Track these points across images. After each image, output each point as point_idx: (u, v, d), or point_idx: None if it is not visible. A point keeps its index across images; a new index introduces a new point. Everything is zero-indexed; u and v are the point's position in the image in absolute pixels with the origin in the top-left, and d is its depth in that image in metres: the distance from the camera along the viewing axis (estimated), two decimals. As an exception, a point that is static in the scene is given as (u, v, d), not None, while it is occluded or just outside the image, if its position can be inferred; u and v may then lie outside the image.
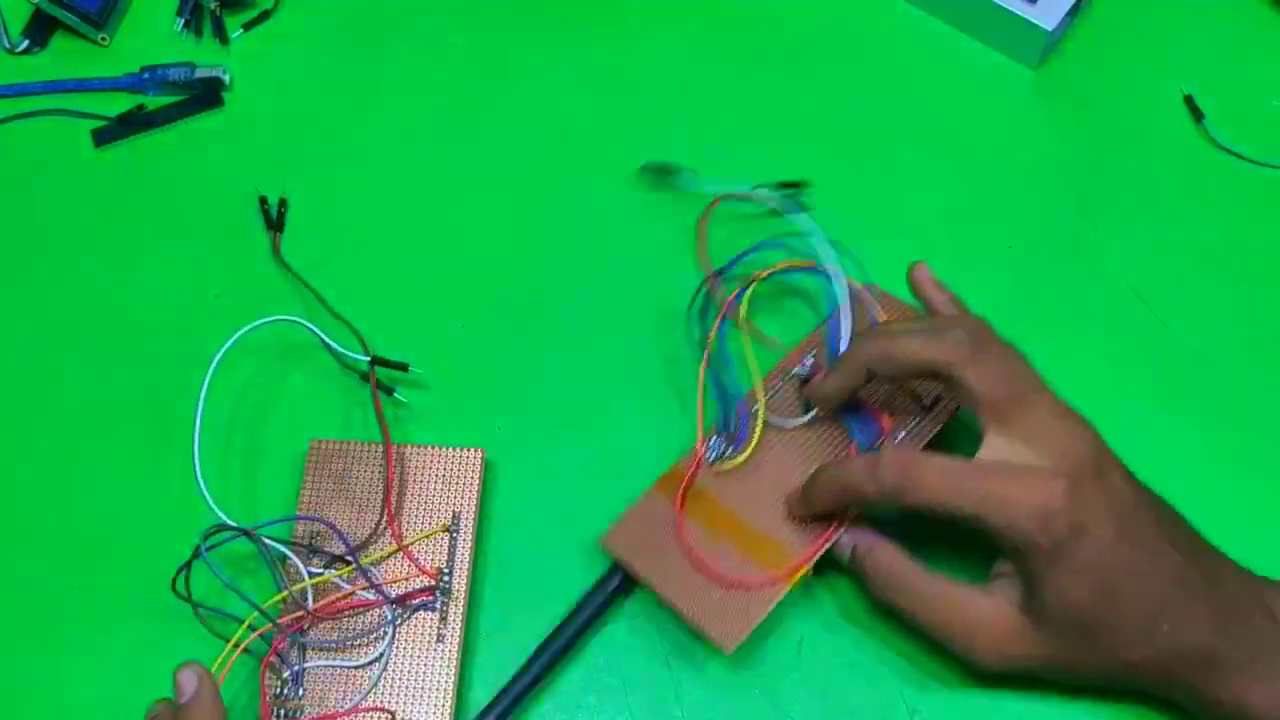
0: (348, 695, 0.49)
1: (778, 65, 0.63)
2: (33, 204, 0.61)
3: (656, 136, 0.61)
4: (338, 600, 0.50)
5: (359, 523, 0.51)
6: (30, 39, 0.64)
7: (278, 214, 0.59)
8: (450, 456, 0.53)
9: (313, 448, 0.53)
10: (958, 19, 0.63)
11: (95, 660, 0.51)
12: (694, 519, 0.51)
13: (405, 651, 0.49)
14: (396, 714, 0.48)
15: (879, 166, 0.61)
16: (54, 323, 0.58)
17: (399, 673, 0.49)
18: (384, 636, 0.49)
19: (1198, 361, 0.56)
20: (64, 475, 0.55)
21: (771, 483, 0.52)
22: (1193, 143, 0.61)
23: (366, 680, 0.49)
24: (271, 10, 0.65)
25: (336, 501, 0.52)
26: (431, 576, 0.50)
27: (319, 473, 0.52)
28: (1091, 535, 0.45)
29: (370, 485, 0.52)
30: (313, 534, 0.51)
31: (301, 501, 0.52)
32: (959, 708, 0.50)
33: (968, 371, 0.46)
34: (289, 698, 0.48)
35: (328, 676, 0.49)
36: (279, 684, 0.49)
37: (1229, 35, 0.63)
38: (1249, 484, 0.54)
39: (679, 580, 0.50)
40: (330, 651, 0.49)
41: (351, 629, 0.50)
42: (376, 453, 0.52)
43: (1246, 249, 0.59)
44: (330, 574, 0.50)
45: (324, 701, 0.49)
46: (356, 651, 0.49)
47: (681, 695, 0.51)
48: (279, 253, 0.58)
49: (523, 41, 0.64)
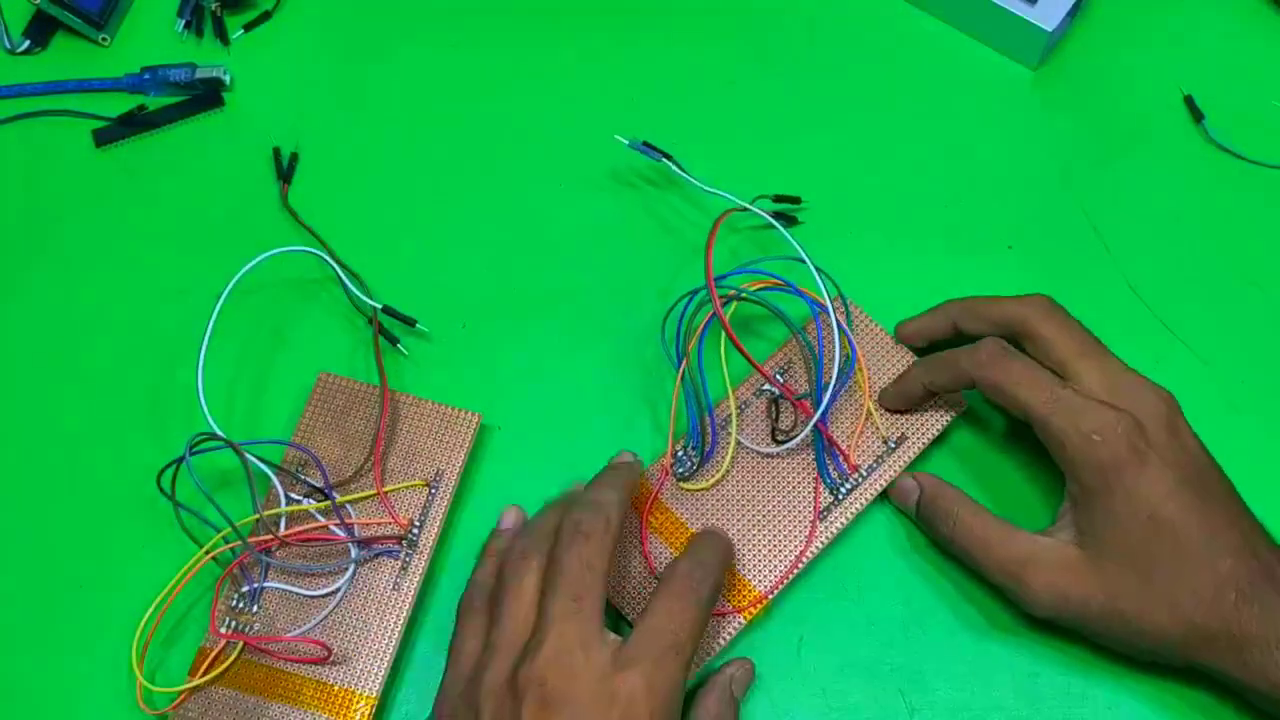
0: (296, 622, 0.50)
1: (777, 65, 0.63)
2: (33, 204, 0.61)
3: (655, 136, 0.61)
4: (308, 531, 0.51)
5: (345, 460, 0.53)
6: (31, 39, 0.64)
7: (289, 165, 0.61)
8: (447, 415, 0.53)
9: (320, 380, 0.54)
10: (958, 19, 0.63)
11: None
12: (658, 535, 0.51)
13: (361, 593, 0.51)
14: (334, 651, 0.49)
15: (879, 166, 0.61)
16: (54, 323, 0.58)
17: (350, 611, 0.50)
18: (344, 573, 0.51)
19: (1198, 362, 0.56)
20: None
21: (737, 510, 0.52)
22: (1193, 143, 0.61)
23: (318, 612, 0.50)
24: (272, 11, 0.65)
25: (330, 436, 0.53)
26: (402, 526, 0.51)
27: (320, 406, 0.54)
28: (1154, 469, 0.47)
29: (364, 427, 0.53)
30: (300, 463, 0.52)
31: (298, 430, 0.53)
32: (959, 707, 0.50)
33: (1045, 326, 0.50)
34: (242, 610, 0.50)
35: (282, 601, 0.50)
36: (236, 596, 0.50)
37: (1229, 35, 0.63)
38: (1249, 483, 0.54)
39: (641, 598, 0.50)
40: (291, 577, 0.51)
41: (315, 560, 0.51)
42: (377, 396, 0.54)
43: (1246, 249, 0.59)
44: (308, 504, 0.51)
45: (273, 623, 0.50)
46: (315, 582, 0.51)
47: (682, 695, 0.51)
48: (286, 201, 0.60)
49: (522, 42, 0.64)
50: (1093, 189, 0.60)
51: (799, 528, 0.51)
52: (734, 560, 0.50)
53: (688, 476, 0.52)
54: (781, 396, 0.53)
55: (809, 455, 0.52)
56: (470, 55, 0.64)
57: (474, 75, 0.63)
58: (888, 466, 0.52)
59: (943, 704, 0.50)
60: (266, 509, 0.51)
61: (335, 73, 0.64)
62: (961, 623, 0.52)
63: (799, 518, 0.52)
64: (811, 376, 0.53)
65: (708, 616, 0.46)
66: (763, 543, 0.51)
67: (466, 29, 0.65)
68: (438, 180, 0.61)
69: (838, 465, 0.52)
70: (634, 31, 0.64)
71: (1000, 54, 0.63)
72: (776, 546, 0.51)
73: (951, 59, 0.63)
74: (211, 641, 0.50)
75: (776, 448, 0.52)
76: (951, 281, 0.58)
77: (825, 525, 0.51)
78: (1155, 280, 0.58)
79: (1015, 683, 0.50)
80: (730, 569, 0.50)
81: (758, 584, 0.51)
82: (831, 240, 0.58)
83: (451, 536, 0.53)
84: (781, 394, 0.53)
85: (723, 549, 0.49)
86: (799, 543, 0.51)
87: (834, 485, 0.52)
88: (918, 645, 0.51)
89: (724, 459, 0.52)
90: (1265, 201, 0.60)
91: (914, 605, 0.52)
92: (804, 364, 0.54)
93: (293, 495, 0.51)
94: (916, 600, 0.52)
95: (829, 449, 0.52)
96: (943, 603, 0.52)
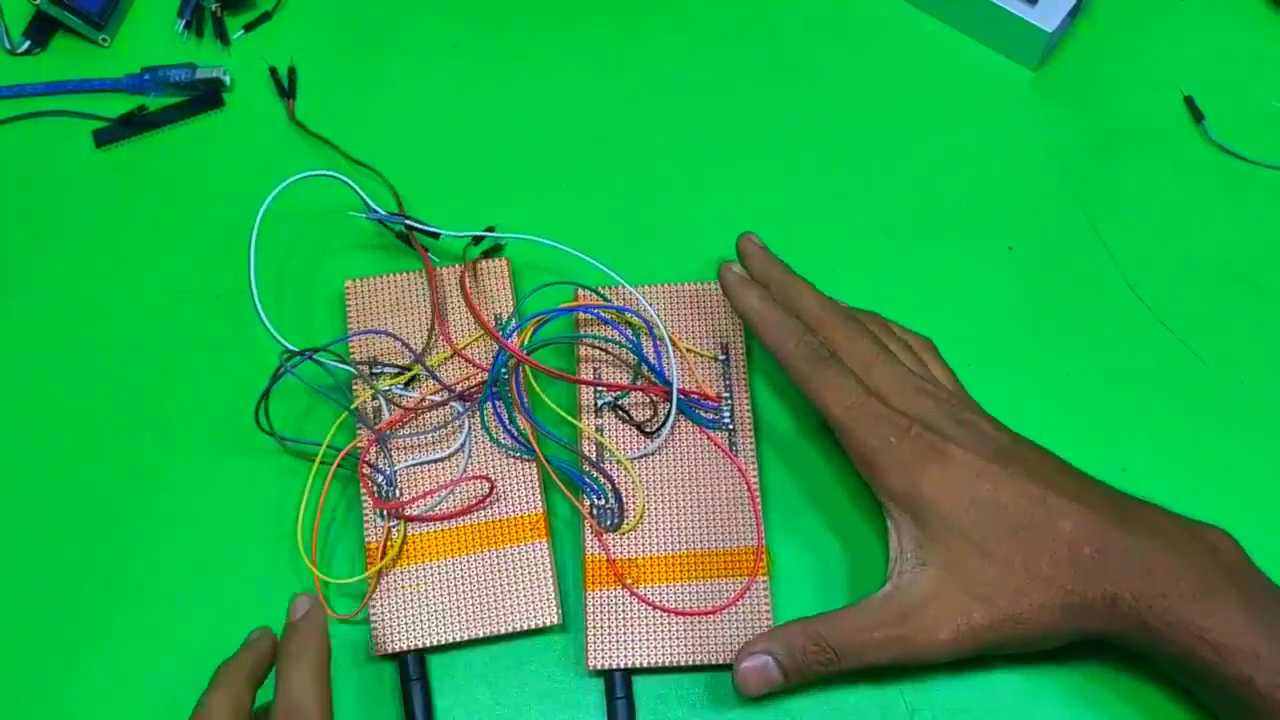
0: (440, 485, 0.53)
1: (777, 66, 0.63)
2: (34, 205, 0.61)
3: (654, 136, 0.61)
4: (411, 405, 0.53)
5: (411, 339, 0.55)
6: (31, 40, 0.64)
7: (289, 81, 0.62)
8: (483, 268, 0.56)
9: (350, 288, 0.56)
10: (957, 20, 0.63)
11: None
12: (643, 585, 0.51)
13: (480, 442, 0.53)
14: (495, 481, 0.52)
15: (879, 167, 0.61)
16: (54, 324, 0.58)
17: (483, 456, 0.53)
18: (460, 427, 0.53)
19: (1197, 362, 0.56)
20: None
21: (677, 507, 0.52)
22: (1193, 143, 0.61)
23: (455, 468, 0.53)
24: (272, 11, 0.65)
25: (385, 326, 0.55)
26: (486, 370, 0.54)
27: (360, 308, 0.56)
28: (956, 457, 0.47)
29: (413, 307, 0.56)
30: (370, 357, 0.55)
31: (350, 333, 0.55)
32: (959, 708, 0.50)
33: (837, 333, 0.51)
34: (388, 498, 0.52)
35: (416, 476, 0.53)
36: (375, 488, 0.53)
37: (1229, 35, 0.63)
38: (1249, 483, 0.54)
39: (676, 642, 0.50)
40: (415, 449, 0.53)
41: (427, 427, 0.54)
42: (413, 281, 0.56)
43: (1246, 249, 0.59)
44: (396, 391, 0.54)
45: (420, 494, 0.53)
46: (437, 446, 0.53)
47: (682, 696, 0.51)
48: (294, 117, 0.62)
49: (522, 42, 0.64)
50: (1093, 189, 0.60)
51: (730, 476, 0.53)
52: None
53: (617, 523, 0.52)
54: (617, 400, 0.54)
55: (681, 423, 0.54)
56: (469, 55, 0.64)
57: (472, 75, 0.63)
58: (736, 371, 0.54)
59: (942, 705, 0.50)
60: (359, 406, 0.53)
61: (335, 73, 0.63)
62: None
63: (722, 469, 0.53)
64: (629, 361, 0.54)
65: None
66: (719, 512, 0.52)
67: (467, 28, 0.65)
68: (437, 179, 0.61)
69: (705, 406, 0.54)
70: (633, 31, 0.64)
71: (1000, 55, 0.63)
72: (731, 503, 0.52)
73: (951, 59, 0.63)
74: (377, 531, 0.52)
75: (658, 438, 0.53)
76: (952, 282, 0.58)
77: (743, 455, 0.53)
78: (1155, 280, 0.58)
79: (1015, 683, 0.50)
80: (694, 552, 0.51)
81: (748, 542, 0.52)
82: (831, 240, 0.58)
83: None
84: (618, 396, 0.54)
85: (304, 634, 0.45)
86: (741, 486, 0.53)
87: (719, 423, 0.54)
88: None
89: (633, 482, 0.53)
90: (1265, 202, 0.60)
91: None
92: (605, 359, 0.55)
93: (376, 386, 0.53)
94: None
95: (690, 403, 0.53)
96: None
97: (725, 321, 0.55)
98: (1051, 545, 0.46)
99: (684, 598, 0.51)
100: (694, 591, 0.51)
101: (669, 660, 0.50)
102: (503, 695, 0.51)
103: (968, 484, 0.47)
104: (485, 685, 0.51)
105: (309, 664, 0.44)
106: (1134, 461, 0.54)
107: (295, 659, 0.44)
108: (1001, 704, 0.50)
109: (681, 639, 0.50)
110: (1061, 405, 0.55)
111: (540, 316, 0.54)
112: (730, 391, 0.54)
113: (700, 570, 0.51)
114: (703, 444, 0.53)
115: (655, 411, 0.54)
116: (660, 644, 0.50)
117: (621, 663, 0.50)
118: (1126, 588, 0.45)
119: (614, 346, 0.55)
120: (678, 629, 0.51)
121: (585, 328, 0.55)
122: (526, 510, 0.52)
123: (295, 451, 0.54)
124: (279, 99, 0.63)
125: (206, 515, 0.54)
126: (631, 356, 0.54)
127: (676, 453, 0.53)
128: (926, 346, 0.54)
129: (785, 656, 0.48)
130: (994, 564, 0.47)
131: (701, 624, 0.51)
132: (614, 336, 0.55)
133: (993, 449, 0.48)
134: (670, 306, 0.56)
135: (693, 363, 0.55)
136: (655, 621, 0.51)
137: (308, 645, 0.44)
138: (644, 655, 0.50)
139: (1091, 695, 0.50)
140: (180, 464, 0.55)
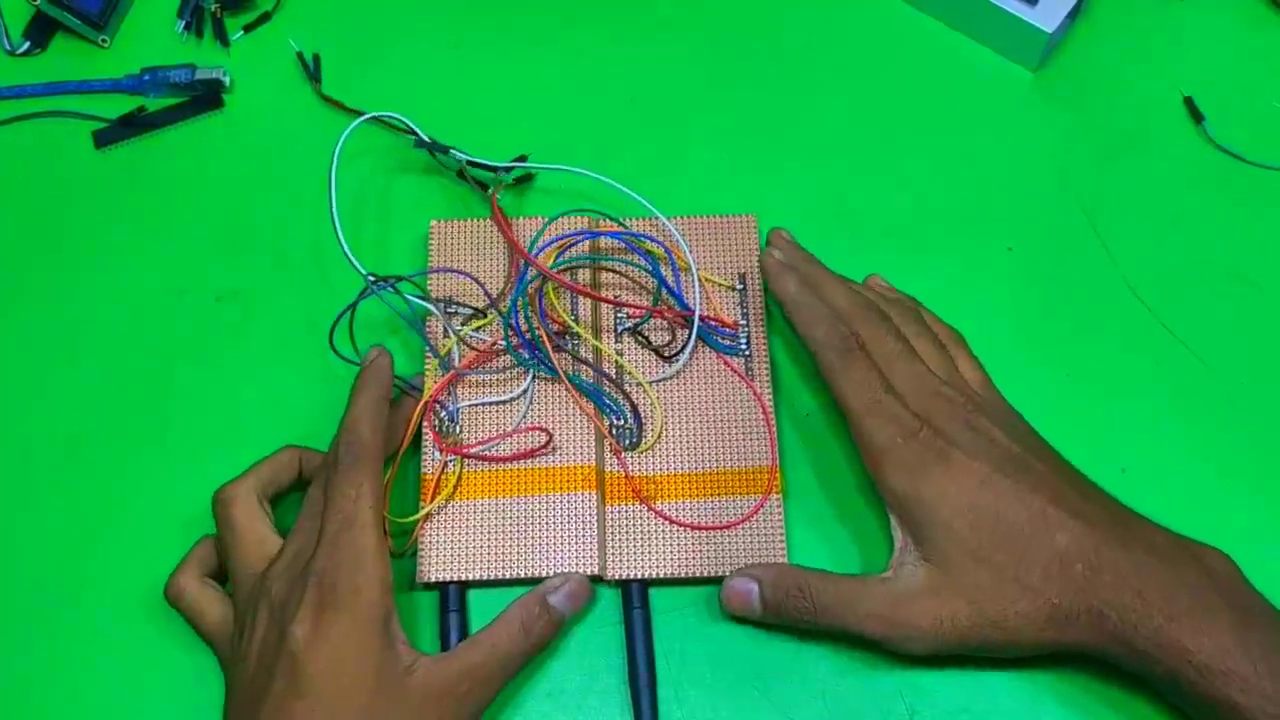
0: (500, 429, 0.54)
1: (777, 67, 0.63)
2: (34, 206, 0.61)
3: (654, 131, 0.61)
4: (484, 348, 0.55)
5: (490, 284, 0.56)
6: (31, 40, 0.64)
7: (314, 63, 0.63)
8: (557, 223, 0.57)
9: (434, 228, 0.58)
10: (957, 20, 0.63)
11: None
12: (660, 500, 0.53)
13: (543, 392, 0.55)
14: (552, 433, 0.54)
15: (878, 168, 0.61)
16: (54, 324, 0.58)
17: (544, 405, 0.54)
18: (525, 373, 0.55)
19: (1197, 362, 0.56)
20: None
21: (694, 428, 0.54)
22: (1192, 144, 0.61)
23: (516, 413, 0.54)
24: (272, 12, 0.65)
25: (465, 268, 0.57)
26: (559, 324, 0.55)
27: (441, 248, 0.57)
28: (959, 464, 0.48)
29: (491, 253, 0.57)
30: (448, 296, 0.56)
31: (430, 274, 0.57)
32: (959, 708, 0.50)
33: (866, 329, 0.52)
34: (449, 434, 0.54)
35: (480, 414, 0.54)
36: (438, 424, 0.54)
37: (1229, 36, 0.63)
38: (1248, 483, 0.54)
39: (691, 555, 0.52)
40: (480, 388, 0.55)
41: (496, 370, 0.55)
42: (491, 228, 0.57)
43: (1246, 250, 0.59)
44: (467, 331, 0.55)
45: (479, 435, 0.54)
46: (502, 389, 0.55)
47: (682, 696, 0.51)
48: (322, 93, 0.63)
49: (521, 44, 0.64)
50: (1092, 190, 0.60)
51: (746, 400, 0.54)
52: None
53: (636, 442, 0.54)
54: (637, 325, 0.55)
55: (699, 349, 0.55)
56: (470, 56, 0.64)
57: (472, 75, 0.63)
58: (753, 300, 0.56)
59: (942, 706, 0.50)
60: (433, 342, 0.55)
61: (334, 74, 0.63)
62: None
63: (739, 393, 0.55)
64: (651, 286, 0.56)
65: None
66: (735, 433, 0.54)
67: (465, 30, 0.65)
68: (435, 178, 0.61)
69: (721, 333, 0.55)
70: (631, 32, 0.64)
71: (1000, 55, 0.63)
72: (747, 425, 0.54)
73: (951, 60, 0.63)
74: (434, 466, 0.53)
75: (678, 362, 0.55)
76: (951, 282, 0.58)
77: (758, 380, 0.55)
78: (1155, 280, 0.58)
79: (1014, 684, 0.50)
80: (710, 471, 0.53)
81: (762, 461, 0.53)
82: (831, 240, 0.58)
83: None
84: (638, 322, 0.55)
85: None
86: (756, 410, 0.54)
87: (736, 350, 0.55)
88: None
89: (651, 403, 0.54)
90: (1265, 202, 0.60)
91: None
92: (626, 285, 0.56)
93: (451, 326, 0.55)
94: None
95: (709, 329, 0.55)
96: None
97: (742, 253, 0.57)
98: (1045, 558, 0.47)
99: (699, 513, 0.52)
100: (709, 508, 0.53)
101: (684, 571, 0.51)
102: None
103: (968, 491, 0.48)
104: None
105: (370, 397, 0.51)
106: (1134, 461, 0.54)
107: (360, 391, 0.52)
108: (1001, 705, 0.50)
109: (696, 552, 0.52)
110: (1061, 405, 0.55)
111: (566, 239, 0.56)
112: (747, 319, 0.55)
113: (715, 488, 0.53)
114: (719, 369, 0.55)
115: (673, 337, 0.55)
116: (676, 557, 0.52)
117: (638, 573, 0.52)
118: (1115, 605, 0.46)
119: (635, 271, 0.56)
120: (693, 543, 0.52)
121: (607, 255, 0.57)
122: (580, 461, 0.53)
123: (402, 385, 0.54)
124: (287, 92, 0.63)
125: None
126: (651, 281, 0.56)
127: (694, 377, 0.55)
128: (957, 340, 0.55)
129: (770, 591, 0.50)
130: (987, 570, 0.47)
131: (716, 538, 0.52)
132: (637, 261, 0.56)
133: (999, 458, 0.49)
134: (689, 237, 0.57)
135: (711, 291, 0.56)
136: (671, 535, 0.52)
137: (370, 383, 0.52)
138: (660, 566, 0.52)
139: (1091, 697, 0.50)
140: (178, 464, 0.55)
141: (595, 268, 0.57)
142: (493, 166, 0.58)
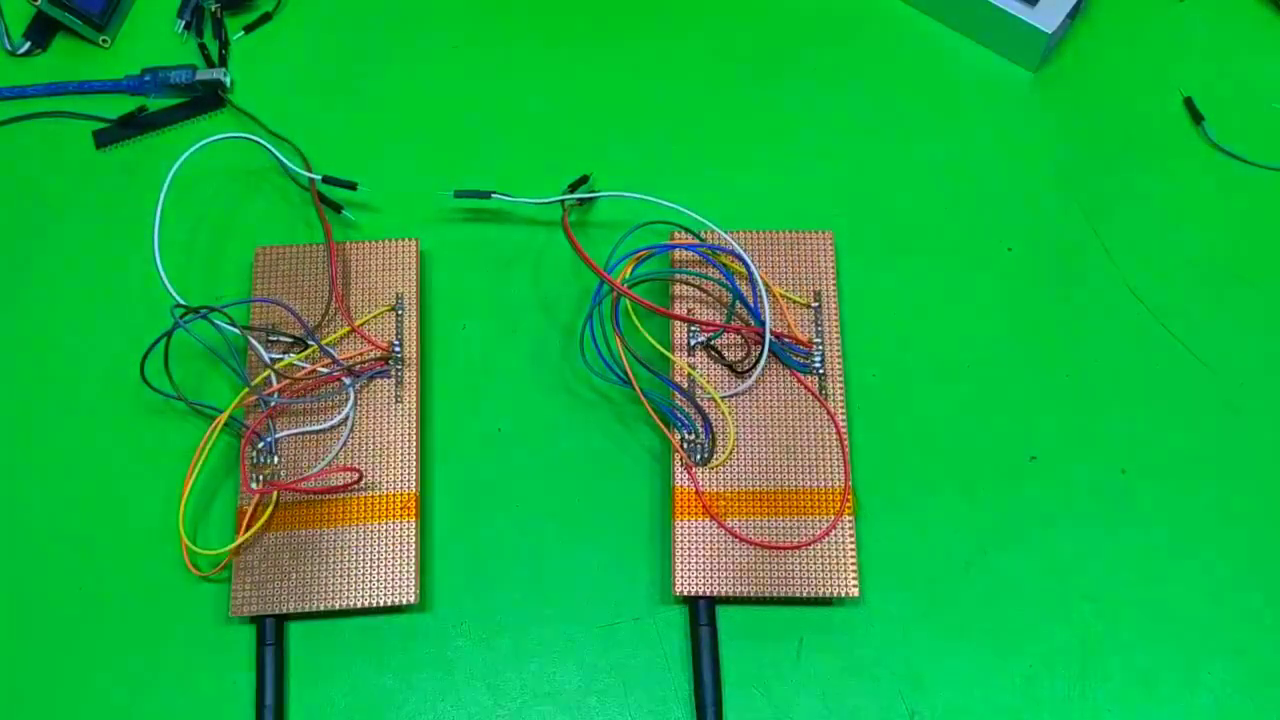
0: (319, 458, 0.54)
1: (777, 68, 0.63)
2: (34, 206, 0.61)
3: (646, 140, 0.61)
4: (302, 376, 0.54)
5: (310, 312, 0.56)
6: (32, 41, 0.64)
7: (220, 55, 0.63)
8: (388, 248, 0.57)
9: (259, 254, 0.57)
10: (957, 21, 0.63)
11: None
12: (731, 517, 0.52)
13: (367, 415, 0.54)
14: (364, 472, 0.53)
15: (878, 168, 0.61)
16: (54, 324, 0.58)
17: (364, 435, 0.54)
18: (346, 400, 0.54)
19: (1197, 362, 0.56)
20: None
21: (766, 446, 0.53)
22: (1192, 145, 0.61)
23: (335, 442, 0.54)
24: (272, 13, 0.65)
25: (287, 297, 0.56)
26: (383, 349, 0.55)
27: (267, 274, 0.57)
28: None
29: (316, 280, 0.57)
30: (268, 326, 0.55)
31: (244, 303, 0.56)
32: (958, 708, 0.50)
33: None
34: (265, 465, 0.53)
35: (299, 444, 0.54)
36: (254, 454, 0.53)
37: (1229, 37, 0.64)
38: (1248, 483, 0.54)
39: (760, 574, 0.51)
40: (299, 417, 0.54)
41: (316, 400, 0.54)
42: (320, 253, 0.57)
43: (1246, 250, 0.59)
44: (290, 357, 0.54)
45: (296, 466, 0.54)
46: (322, 417, 0.54)
47: (682, 696, 0.51)
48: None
49: (521, 46, 0.64)
50: (1092, 191, 0.60)
51: (819, 419, 0.54)
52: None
53: (706, 458, 0.53)
54: (710, 340, 0.55)
55: (773, 365, 0.54)
56: (471, 58, 0.64)
57: (472, 76, 0.64)
58: (828, 318, 0.55)
59: (942, 706, 0.50)
60: (250, 370, 0.54)
61: (335, 74, 0.63)
62: (961, 625, 0.52)
63: (812, 412, 0.54)
64: (725, 300, 0.55)
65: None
66: (808, 452, 0.53)
67: (466, 31, 0.65)
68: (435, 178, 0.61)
69: (796, 350, 0.55)
70: (630, 32, 0.64)
71: (1000, 56, 0.63)
72: (819, 446, 0.53)
73: (951, 61, 0.63)
74: (246, 499, 0.52)
75: (750, 378, 0.54)
76: (951, 283, 0.58)
77: (833, 399, 0.54)
78: (1155, 281, 0.58)
79: (1014, 685, 0.50)
80: (781, 490, 0.52)
81: (835, 483, 0.53)
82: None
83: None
84: (711, 337, 0.55)
85: None
86: (830, 430, 0.53)
87: (809, 367, 0.54)
88: (918, 647, 0.51)
89: (723, 418, 0.54)
90: (1265, 203, 0.60)
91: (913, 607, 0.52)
92: (700, 298, 0.56)
93: (272, 355, 0.54)
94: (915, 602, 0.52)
95: (783, 346, 0.54)
96: (942, 604, 0.52)
97: (818, 270, 0.56)
98: None
99: (769, 532, 0.52)
100: (779, 527, 0.52)
101: (753, 591, 0.51)
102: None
103: None
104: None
105: None
106: (1134, 461, 0.54)
107: None
108: (1004, 707, 0.50)
109: (765, 572, 0.51)
110: (1061, 405, 0.55)
111: (642, 252, 0.55)
112: (821, 338, 0.55)
113: (786, 507, 0.52)
114: (792, 387, 0.54)
115: (747, 353, 0.55)
116: (744, 575, 0.51)
117: (707, 590, 0.51)
118: None
119: (710, 284, 0.56)
120: (762, 562, 0.51)
121: (681, 269, 0.56)
122: (400, 489, 0.53)
123: (195, 406, 0.55)
124: (280, 101, 0.63)
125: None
126: (727, 295, 0.55)
127: (766, 394, 0.54)
128: None
129: None
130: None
131: (786, 558, 0.51)
132: (711, 274, 0.56)
133: None
134: (764, 253, 0.57)
135: (786, 307, 0.56)
136: (740, 553, 0.52)
137: None
138: (728, 585, 0.51)
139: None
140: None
141: (672, 279, 0.56)
142: (537, 202, 0.58)
